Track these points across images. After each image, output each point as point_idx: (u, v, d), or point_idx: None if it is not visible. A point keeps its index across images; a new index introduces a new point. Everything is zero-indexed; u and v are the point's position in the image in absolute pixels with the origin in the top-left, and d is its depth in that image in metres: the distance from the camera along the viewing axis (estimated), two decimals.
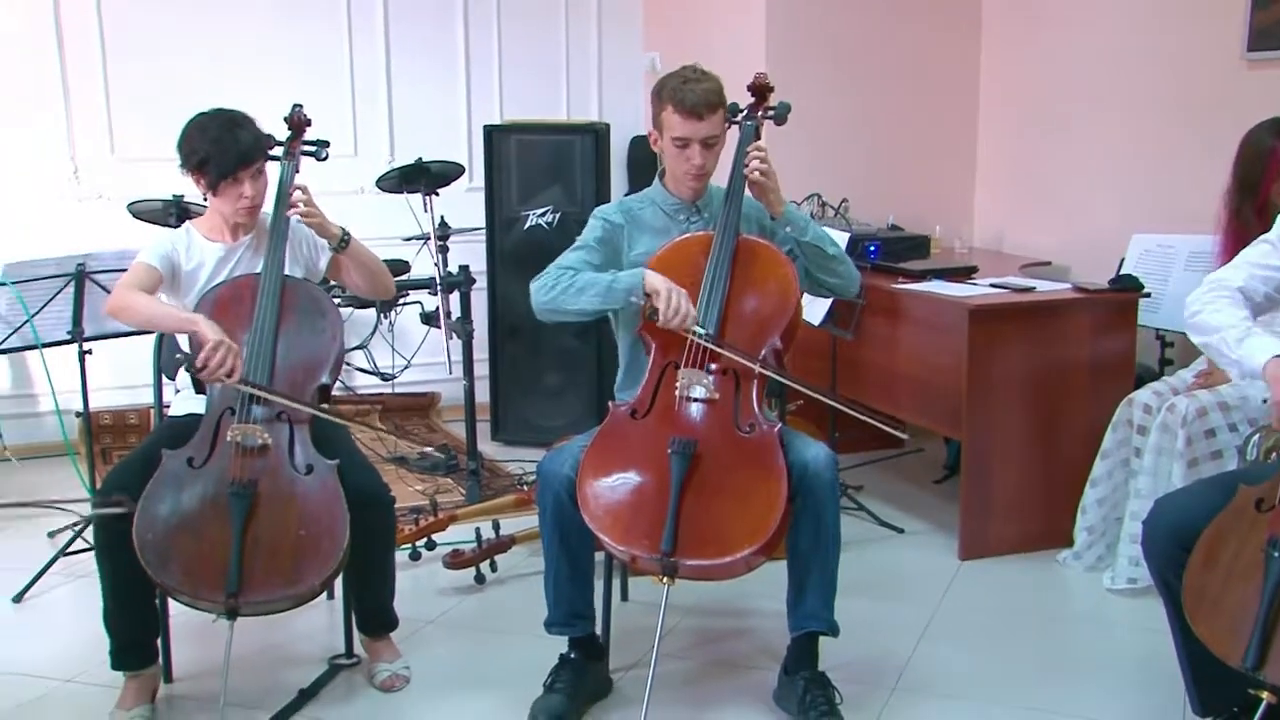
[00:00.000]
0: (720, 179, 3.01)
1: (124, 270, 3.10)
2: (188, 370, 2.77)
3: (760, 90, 3.02)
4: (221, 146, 2.92)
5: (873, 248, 4.35)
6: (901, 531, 4.14)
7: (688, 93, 2.87)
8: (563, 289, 2.86)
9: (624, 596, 3.50)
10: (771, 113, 3.01)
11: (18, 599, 3.62)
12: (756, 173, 2.86)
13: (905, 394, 4.16)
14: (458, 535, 3.80)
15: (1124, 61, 4.50)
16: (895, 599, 3.58)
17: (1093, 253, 4.49)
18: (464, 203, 5.14)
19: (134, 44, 5.06)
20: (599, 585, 3.00)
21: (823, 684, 2.83)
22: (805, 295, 4.04)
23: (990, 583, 3.71)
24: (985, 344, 3.77)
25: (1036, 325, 3.86)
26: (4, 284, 3.72)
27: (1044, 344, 3.86)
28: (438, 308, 4.50)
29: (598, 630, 3.00)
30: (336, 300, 3.61)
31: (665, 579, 2.61)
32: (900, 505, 4.37)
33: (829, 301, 4.03)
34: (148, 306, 2.91)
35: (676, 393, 2.79)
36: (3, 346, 3.76)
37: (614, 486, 2.71)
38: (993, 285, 4.00)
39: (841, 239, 4.04)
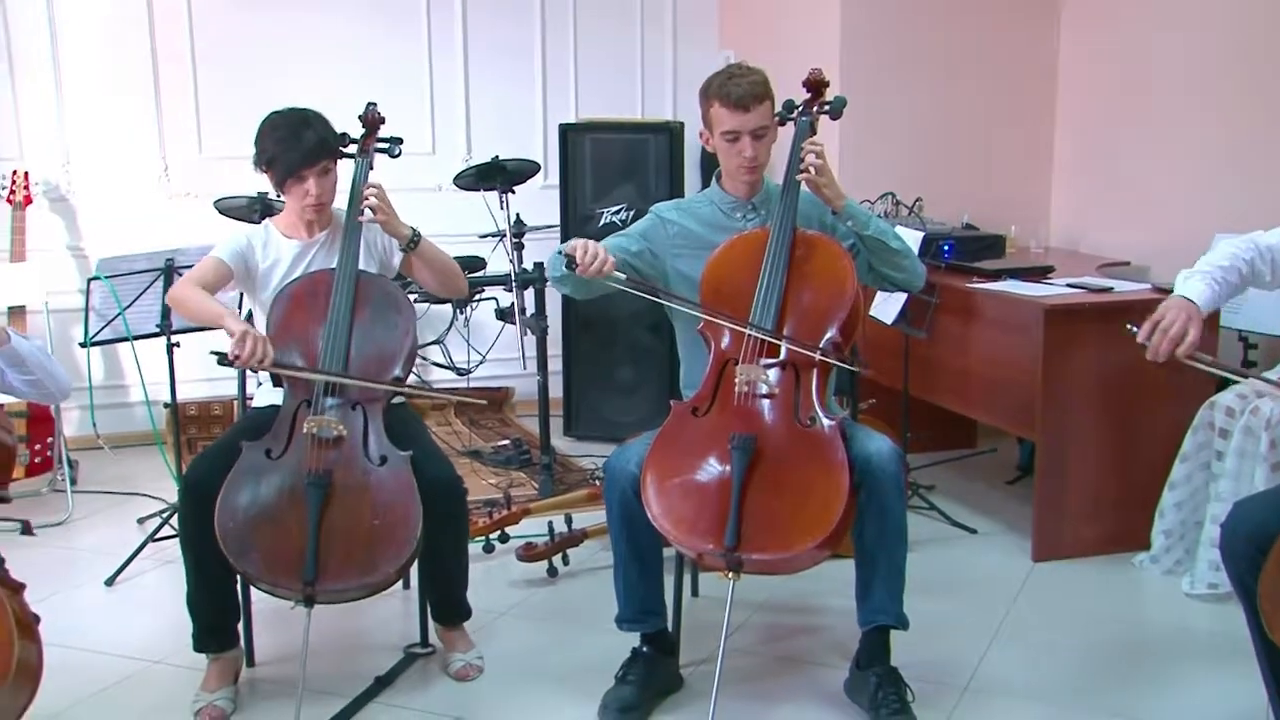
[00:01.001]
0: (778, 177, 3.01)
1: None
2: (221, 364, 2.83)
3: (815, 85, 3.01)
4: (287, 146, 2.98)
5: (947, 247, 4.32)
6: (974, 532, 4.11)
7: (733, 86, 2.90)
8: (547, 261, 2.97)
9: (694, 592, 3.52)
10: (827, 107, 3.01)
11: (109, 582, 3.74)
12: (811, 169, 2.85)
13: (978, 394, 4.13)
14: (531, 529, 3.85)
15: (1211, 55, 4.41)
16: (967, 599, 3.56)
17: (1174, 253, 4.37)
18: (539, 200, 5.20)
19: (222, 48, 5.21)
20: (669, 581, 3.02)
21: (895, 680, 2.82)
22: (877, 294, 4.05)
23: (1064, 585, 3.67)
24: (1061, 344, 3.73)
25: (1114, 326, 3.79)
26: (98, 278, 3.85)
27: (1122, 345, 3.73)
28: (512, 304, 4.56)
29: (668, 625, 3.01)
30: (412, 296, 3.68)
31: (730, 574, 2.62)
32: (972, 505, 4.33)
33: (902, 300, 4.02)
34: (195, 302, 2.97)
35: (736, 388, 2.79)
36: (97, 338, 3.88)
37: (677, 483, 2.73)
38: (1069, 285, 3.95)
39: (915, 238, 4.02)
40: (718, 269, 2.91)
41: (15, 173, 4.76)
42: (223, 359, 2.80)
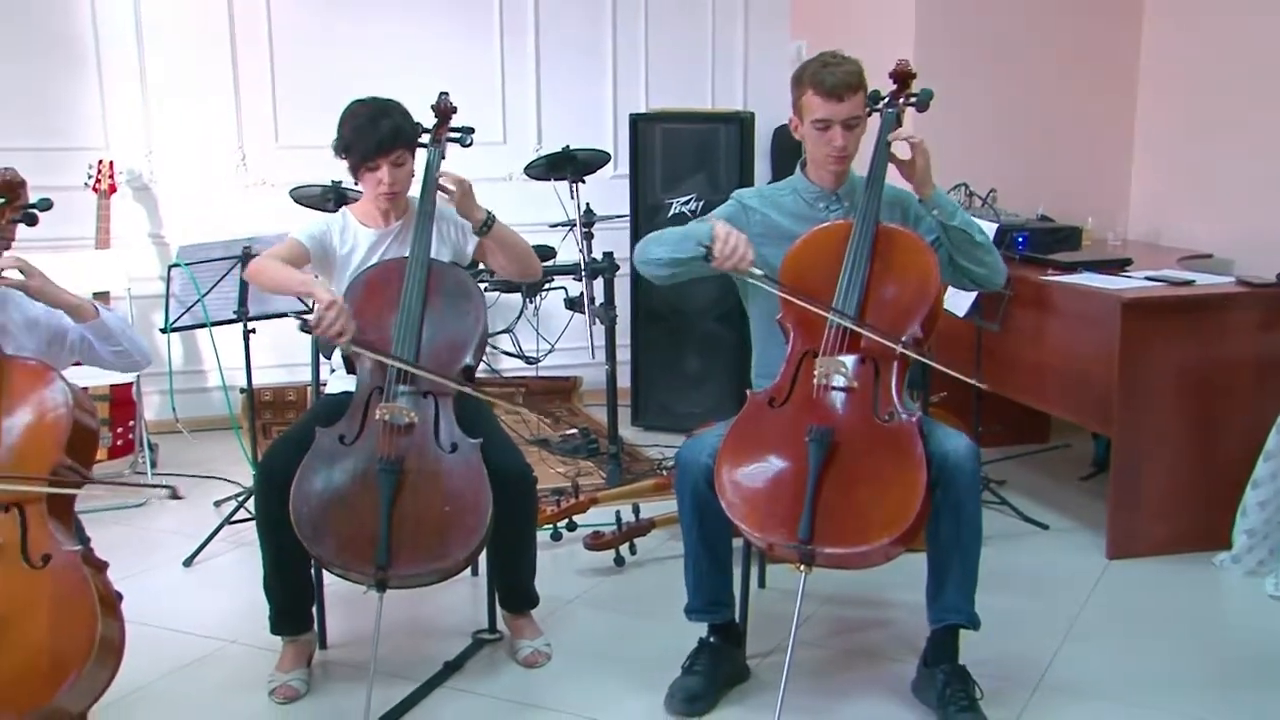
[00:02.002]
0: (862, 168, 2.99)
1: None
2: (302, 329, 2.87)
3: (902, 77, 2.99)
4: (362, 134, 3.01)
5: (1021, 238, 4.26)
6: (1046, 528, 4.05)
7: (828, 75, 2.87)
8: (653, 238, 2.93)
9: (761, 584, 3.52)
10: (914, 99, 2.98)
11: (188, 563, 3.83)
12: (906, 149, 2.84)
13: (1052, 388, 4.07)
14: (598, 517, 3.87)
15: None
16: (1039, 596, 3.51)
17: (1260, 246, 4.30)
18: (609, 190, 5.21)
19: (298, 40, 5.28)
20: (737, 572, 3.02)
21: (963, 678, 2.80)
22: (949, 286, 4.00)
23: (1139, 584, 3.60)
24: (1139, 338, 3.66)
25: (1195, 320, 3.73)
26: (178, 265, 3.93)
27: (1203, 339, 3.73)
28: (582, 293, 4.58)
29: (736, 617, 3.01)
30: (483, 284, 3.71)
31: (802, 567, 2.61)
32: (1044, 501, 4.27)
33: (975, 293, 3.97)
34: (275, 270, 3.00)
35: (814, 381, 2.77)
36: (177, 324, 3.96)
37: (751, 474, 2.72)
38: (1148, 278, 3.88)
39: (989, 230, 3.96)
40: (799, 259, 2.88)
41: (101, 162, 4.87)
42: (305, 325, 2.84)
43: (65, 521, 2.42)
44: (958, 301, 4.07)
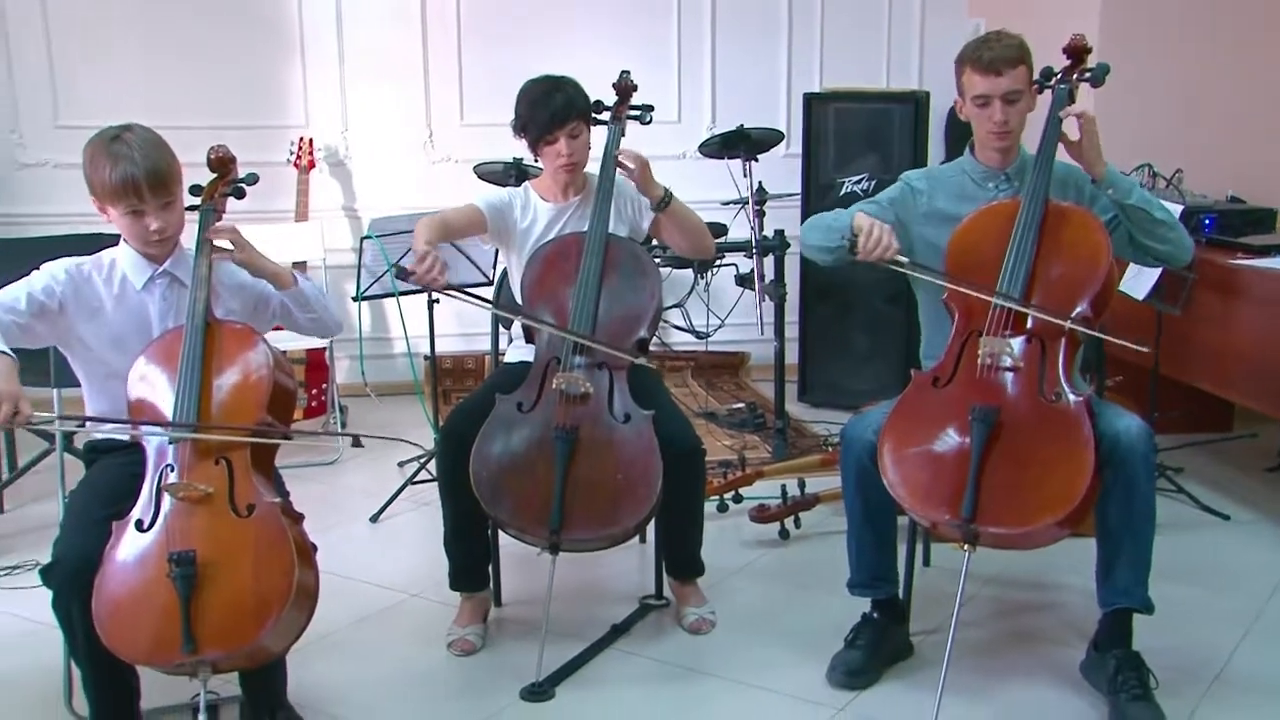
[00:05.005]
0: (1033, 146, 2.94)
1: None
2: (397, 276, 2.96)
3: (1076, 52, 2.91)
4: (538, 109, 3.11)
5: (1208, 221, 4.11)
6: (1227, 519, 3.92)
7: (985, 50, 2.85)
8: (811, 224, 2.97)
9: (926, 562, 3.51)
10: (1088, 75, 2.90)
11: (374, 519, 4.04)
12: (1075, 129, 2.78)
13: (1239, 375, 3.92)
14: (764, 491, 3.92)
15: None
16: (1218, 589, 3.41)
17: None
18: (781, 169, 5.25)
19: (484, 23, 5.48)
20: (901, 549, 3.03)
21: (1136, 665, 2.74)
22: (1131, 266, 3.90)
23: None
24: None
25: None
26: (369, 237, 4.13)
27: None
28: (752, 270, 4.62)
29: (899, 593, 3.03)
30: (656, 260, 3.78)
31: (966, 545, 2.61)
32: (1225, 492, 4.14)
33: (1155, 275, 3.87)
34: (424, 220, 3.10)
35: (979, 360, 2.75)
36: (367, 294, 4.17)
37: (915, 452, 2.72)
38: None
39: (1174, 211, 3.84)
40: (965, 238, 2.87)
41: (302, 140, 5.16)
42: (401, 271, 2.93)
43: (267, 475, 2.57)
44: (1137, 284, 3.96)
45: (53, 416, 2.48)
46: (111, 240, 2.74)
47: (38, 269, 2.64)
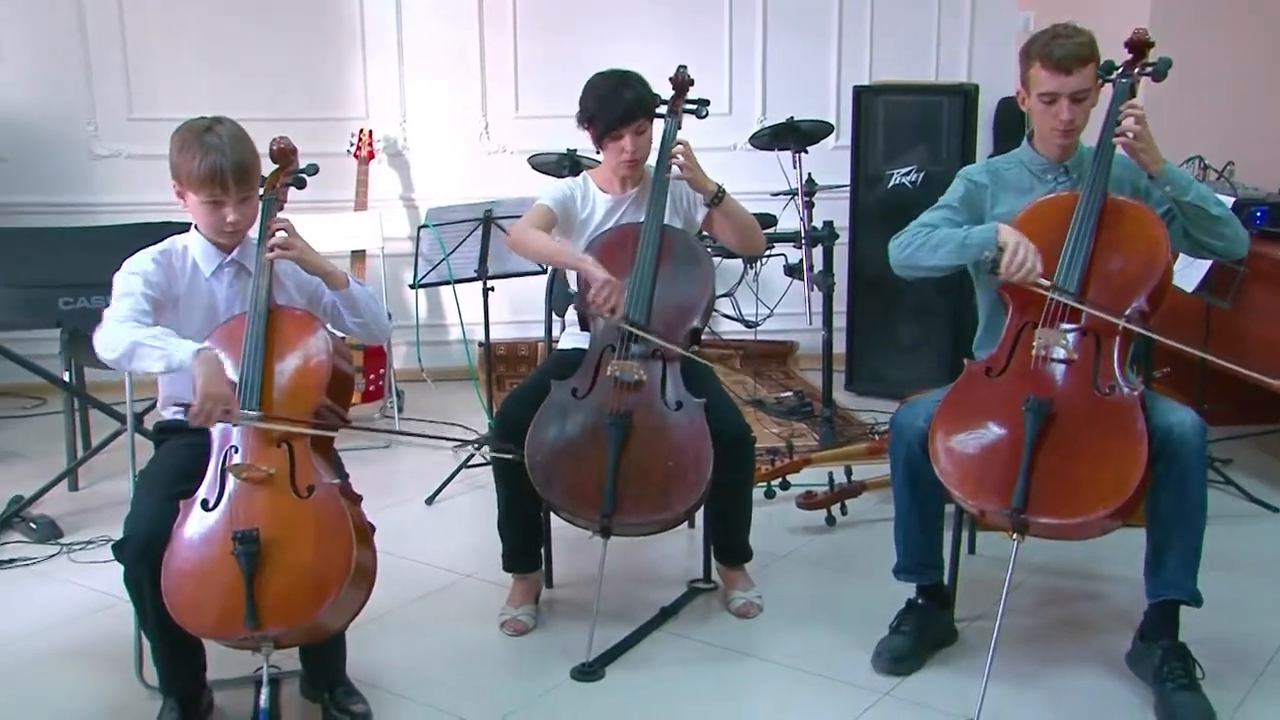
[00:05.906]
0: (1092, 139, 2.95)
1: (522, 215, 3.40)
2: (577, 308, 3.04)
3: (1138, 46, 2.89)
4: (606, 104, 3.15)
5: (1260, 213, 4.09)
6: (1276, 510, 3.91)
7: (1056, 46, 2.83)
8: (919, 245, 2.91)
9: (971, 549, 3.53)
10: (1150, 69, 2.88)
11: (430, 501, 4.13)
12: (1129, 133, 2.76)
13: None
14: (811, 478, 3.95)
15: None
16: (1267, 580, 3.41)
17: None
18: (831, 160, 5.27)
19: (539, 16, 5.54)
20: (947, 536, 3.05)
21: (1183, 656, 2.74)
22: (1181, 258, 3.88)
23: None
24: None
25: None
26: (426, 226, 4.21)
27: None
28: (801, 260, 4.65)
29: (944, 580, 3.05)
30: (708, 250, 3.82)
31: (1015, 535, 2.62)
32: (1274, 483, 4.12)
33: (1205, 268, 3.85)
34: (544, 243, 3.18)
35: (1033, 352, 2.75)
36: (424, 281, 4.25)
37: (966, 441, 2.74)
38: None
39: (1225, 204, 3.83)
40: (1023, 229, 2.82)
41: (361, 131, 5.25)
42: (581, 303, 2.98)
43: (327, 457, 2.64)
44: (1186, 277, 3.95)
45: (250, 419, 2.56)
46: (180, 229, 2.81)
47: (117, 271, 2.67)
